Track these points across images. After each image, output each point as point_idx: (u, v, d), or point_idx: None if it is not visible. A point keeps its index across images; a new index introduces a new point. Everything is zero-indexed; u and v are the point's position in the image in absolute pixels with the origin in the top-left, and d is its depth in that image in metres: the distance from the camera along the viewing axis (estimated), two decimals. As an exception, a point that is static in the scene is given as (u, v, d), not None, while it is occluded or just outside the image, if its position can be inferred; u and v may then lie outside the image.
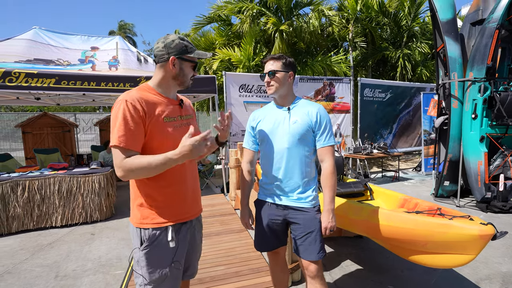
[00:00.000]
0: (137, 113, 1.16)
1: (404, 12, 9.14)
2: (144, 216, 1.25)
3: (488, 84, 4.26)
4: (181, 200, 1.30)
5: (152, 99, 1.25)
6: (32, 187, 3.88)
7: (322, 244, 1.58)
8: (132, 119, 1.15)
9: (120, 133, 1.14)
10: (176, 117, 1.31)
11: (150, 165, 1.12)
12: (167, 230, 1.25)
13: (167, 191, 1.27)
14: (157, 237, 1.24)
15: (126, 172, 1.13)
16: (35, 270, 2.85)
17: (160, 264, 1.25)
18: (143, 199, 1.25)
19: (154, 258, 1.24)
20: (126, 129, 1.14)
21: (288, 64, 1.61)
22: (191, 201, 1.35)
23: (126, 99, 1.17)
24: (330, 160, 1.57)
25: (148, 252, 1.23)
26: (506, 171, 4.34)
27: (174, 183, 1.28)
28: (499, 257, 2.89)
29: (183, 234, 1.31)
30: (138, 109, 1.17)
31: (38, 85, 4.01)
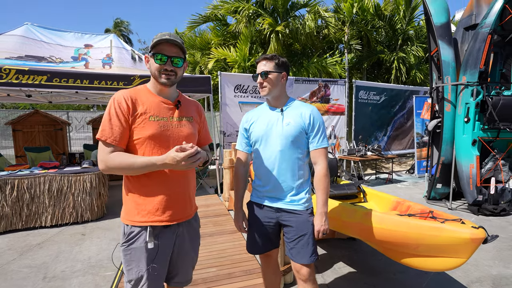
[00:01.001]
0: (122, 110, 1.21)
1: (399, 16, 9.23)
2: (126, 212, 1.27)
3: (481, 88, 4.32)
4: (165, 203, 1.26)
5: (142, 97, 1.27)
6: (21, 186, 3.81)
7: (315, 247, 1.57)
8: (116, 116, 1.20)
9: (103, 128, 1.20)
10: (167, 117, 1.28)
11: (132, 165, 1.17)
12: (146, 230, 1.23)
13: (147, 191, 1.25)
14: (134, 235, 1.24)
15: (107, 167, 1.19)
16: (23, 271, 2.79)
17: (136, 264, 1.24)
18: (127, 196, 1.28)
19: (131, 256, 1.24)
20: (110, 125, 1.19)
21: (281, 64, 1.58)
22: (178, 204, 1.30)
23: (114, 97, 1.23)
24: (323, 163, 1.56)
25: (126, 249, 1.25)
26: (497, 174, 4.40)
27: (155, 184, 1.25)
28: (489, 260, 2.92)
29: (166, 238, 1.27)
30: (123, 106, 1.21)
31: (29, 82, 3.93)
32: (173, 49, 1.25)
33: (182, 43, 1.28)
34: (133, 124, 1.22)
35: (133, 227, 1.24)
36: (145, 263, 1.23)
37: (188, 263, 1.41)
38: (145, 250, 1.23)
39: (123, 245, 1.25)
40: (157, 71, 1.25)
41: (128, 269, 1.25)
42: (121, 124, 1.20)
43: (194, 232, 1.42)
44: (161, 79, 1.25)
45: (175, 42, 1.24)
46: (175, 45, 1.25)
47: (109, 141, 1.18)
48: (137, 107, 1.23)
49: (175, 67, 1.26)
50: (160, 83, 1.27)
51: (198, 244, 1.46)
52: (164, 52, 1.23)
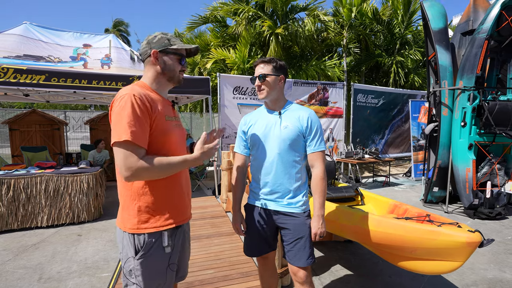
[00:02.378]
0: (146, 108, 1.11)
1: (398, 20, 9.31)
2: (142, 221, 1.17)
3: (477, 93, 4.36)
4: (178, 204, 1.28)
5: (152, 96, 1.21)
6: (17, 186, 3.78)
7: (312, 250, 1.58)
8: (141, 114, 1.09)
9: (132, 128, 1.05)
10: (172, 117, 1.30)
11: (169, 165, 1.12)
12: (163, 236, 1.21)
13: (165, 194, 1.23)
14: (153, 243, 1.19)
15: (139, 173, 1.06)
16: (18, 272, 2.76)
17: (156, 271, 1.20)
18: (142, 204, 1.18)
19: (151, 265, 1.19)
20: (138, 124, 1.07)
21: (278, 67, 1.58)
22: (185, 205, 1.33)
23: (132, 93, 1.10)
24: (320, 166, 1.56)
25: (144, 260, 1.17)
26: (493, 178, 4.43)
27: (171, 187, 1.25)
28: (485, 264, 2.94)
29: (177, 238, 1.29)
30: (146, 104, 1.12)
31: (27, 81, 3.91)
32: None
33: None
34: (153, 124, 1.16)
35: (150, 236, 1.18)
36: (164, 267, 1.22)
37: (187, 258, 1.45)
38: (163, 254, 1.22)
39: (140, 258, 1.16)
40: (178, 71, 1.30)
41: (146, 279, 1.18)
42: (147, 125, 1.12)
43: (189, 228, 1.47)
44: (179, 78, 1.31)
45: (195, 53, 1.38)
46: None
47: (140, 143, 1.07)
48: (155, 106, 1.18)
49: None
50: (176, 82, 1.32)
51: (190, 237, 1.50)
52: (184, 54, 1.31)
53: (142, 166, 1.06)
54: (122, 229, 1.21)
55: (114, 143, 1.06)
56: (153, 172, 1.10)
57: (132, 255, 1.17)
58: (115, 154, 1.08)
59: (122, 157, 1.05)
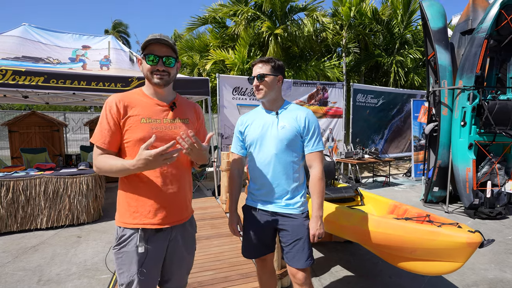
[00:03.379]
0: (112, 114, 1.23)
1: (397, 20, 9.30)
2: (119, 214, 1.28)
3: (477, 93, 4.35)
4: (157, 206, 1.24)
5: (135, 100, 1.28)
6: (16, 188, 3.77)
7: (310, 252, 1.56)
8: (106, 120, 1.23)
9: (95, 132, 1.25)
10: (161, 119, 1.27)
11: (111, 169, 1.19)
12: (137, 234, 1.23)
13: (140, 192, 1.24)
14: (126, 238, 1.24)
15: (96, 168, 1.23)
16: (17, 274, 2.75)
17: (127, 268, 1.23)
18: (121, 198, 1.28)
19: (123, 259, 1.24)
20: (100, 128, 1.23)
21: (277, 67, 1.57)
22: (169, 208, 1.26)
23: (107, 101, 1.26)
24: (318, 166, 1.55)
25: (117, 252, 1.25)
26: (493, 178, 4.42)
27: (148, 186, 1.24)
28: (486, 264, 2.93)
29: (158, 242, 1.25)
30: (113, 110, 1.23)
31: (26, 83, 3.91)
32: (163, 49, 1.23)
33: (173, 43, 1.26)
34: (124, 127, 1.24)
35: (125, 230, 1.24)
36: (136, 267, 1.22)
37: (182, 268, 1.38)
38: (136, 254, 1.22)
39: (115, 248, 1.25)
40: (149, 72, 1.25)
41: (119, 272, 1.25)
42: (110, 127, 1.22)
43: (189, 236, 1.38)
44: (153, 79, 1.25)
45: (165, 42, 1.22)
46: (165, 45, 1.23)
47: (98, 144, 1.22)
48: (128, 110, 1.25)
49: (167, 67, 1.25)
50: (153, 84, 1.27)
51: (193, 250, 1.42)
52: (155, 52, 1.22)
53: (95, 163, 1.23)
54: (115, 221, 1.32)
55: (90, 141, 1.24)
56: (102, 170, 1.21)
57: (113, 245, 1.28)
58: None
59: (93, 154, 1.26)
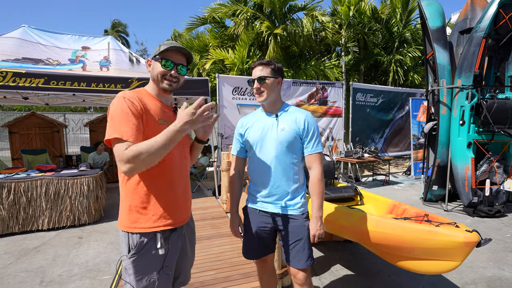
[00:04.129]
0: (136, 108, 1.17)
1: (396, 19, 9.31)
2: (132, 220, 1.22)
3: (475, 92, 4.37)
4: (171, 206, 1.27)
5: (147, 99, 1.26)
6: (18, 189, 3.79)
7: (311, 252, 1.58)
8: (132, 113, 1.15)
9: (122, 126, 1.11)
10: (170, 122, 1.28)
11: (156, 142, 1.07)
12: (156, 237, 1.23)
13: (155, 194, 1.24)
14: (145, 244, 1.21)
15: (131, 162, 1.07)
16: (20, 275, 2.78)
17: (148, 272, 1.22)
18: (132, 203, 1.22)
19: (142, 265, 1.21)
20: (127, 122, 1.12)
21: (276, 70, 1.59)
22: (181, 207, 1.32)
23: (123, 96, 1.18)
24: (318, 167, 1.57)
25: (136, 260, 1.20)
26: (492, 176, 4.45)
27: (162, 188, 1.25)
28: (484, 262, 2.95)
29: (173, 241, 1.29)
30: (136, 105, 1.17)
31: (26, 85, 3.93)
32: (180, 57, 1.30)
33: (190, 54, 1.34)
34: (146, 123, 1.20)
35: (143, 235, 1.21)
36: (156, 269, 1.23)
37: (189, 263, 1.44)
38: (156, 256, 1.23)
39: (133, 256, 1.20)
40: (160, 75, 1.26)
41: (137, 279, 1.21)
42: (138, 122, 1.15)
43: (192, 231, 1.45)
44: (162, 83, 1.27)
45: (184, 51, 1.30)
46: (183, 54, 1.31)
47: (131, 140, 1.10)
48: (147, 109, 1.22)
49: (179, 74, 1.29)
50: (160, 88, 1.29)
51: (195, 243, 1.49)
52: (172, 58, 1.27)
53: (131, 152, 1.07)
54: (119, 228, 1.26)
55: (108, 141, 1.13)
56: (143, 154, 1.07)
57: (125, 254, 1.22)
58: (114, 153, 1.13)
59: (116, 152, 1.10)
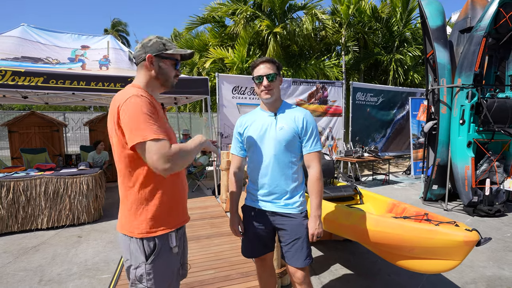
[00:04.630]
0: (153, 106, 1.17)
1: (396, 18, 9.30)
2: (152, 225, 1.18)
3: (476, 91, 4.36)
4: (180, 206, 1.32)
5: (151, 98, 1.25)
6: (17, 188, 3.79)
7: (309, 251, 1.58)
8: (152, 111, 1.13)
9: (152, 125, 1.09)
10: (166, 119, 1.34)
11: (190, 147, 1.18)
12: (170, 237, 1.24)
13: (171, 197, 1.25)
14: (162, 246, 1.20)
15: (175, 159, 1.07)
16: (19, 274, 2.77)
17: (168, 272, 1.24)
18: (150, 207, 1.19)
19: (162, 268, 1.21)
20: (154, 120, 1.11)
21: (279, 67, 1.60)
22: (185, 206, 1.38)
23: (139, 94, 1.14)
24: (316, 166, 1.56)
25: (156, 264, 1.19)
26: (492, 176, 4.44)
27: (176, 188, 1.28)
28: (484, 261, 2.95)
29: (180, 238, 1.33)
30: (152, 103, 1.18)
31: (26, 83, 3.92)
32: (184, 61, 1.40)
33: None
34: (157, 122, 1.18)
35: (160, 238, 1.20)
36: (172, 269, 1.24)
37: (186, 256, 1.47)
38: (171, 256, 1.24)
39: (153, 261, 1.18)
40: (173, 76, 1.32)
41: (155, 281, 1.19)
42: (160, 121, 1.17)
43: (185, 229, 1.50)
44: (173, 83, 1.33)
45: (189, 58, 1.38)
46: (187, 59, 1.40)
47: (162, 137, 1.08)
48: (156, 106, 1.22)
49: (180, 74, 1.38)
50: (169, 87, 1.33)
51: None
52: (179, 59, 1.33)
53: (175, 152, 1.08)
54: (129, 235, 1.18)
55: (139, 144, 1.06)
56: (184, 154, 1.12)
57: (143, 261, 1.17)
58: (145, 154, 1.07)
59: (156, 151, 1.05)
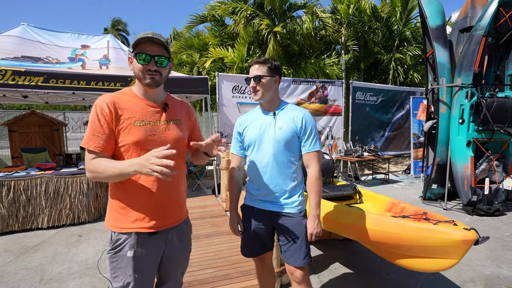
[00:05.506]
0: (104, 116, 1.17)
1: (396, 17, 9.29)
2: (112, 218, 1.24)
3: (475, 90, 4.36)
4: (152, 208, 1.23)
5: (126, 101, 1.23)
6: (17, 188, 3.79)
7: (308, 250, 1.59)
8: (99, 122, 1.17)
9: (86, 135, 1.18)
10: (154, 121, 1.24)
11: (107, 171, 1.12)
12: (130, 238, 1.21)
13: (134, 197, 1.22)
14: (120, 243, 1.21)
15: (90, 174, 1.17)
16: (19, 273, 2.78)
17: (123, 272, 1.21)
18: (112, 201, 1.25)
19: (118, 264, 1.21)
20: (92, 131, 1.17)
21: (273, 68, 1.58)
22: (166, 210, 1.26)
23: (96, 102, 1.19)
24: (315, 166, 1.57)
25: (111, 257, 1.22)
26: (491, 175, 4.45)
27: (142, 190, 1.22)
28: (482, 260, 2.96)
29: (153, 245, 1.25)
30: (106, 112, 1.17)
31: (26, 83, 3.92)
32: (155, 48, 1.18)
33: (166, 42, 1.21)
34: (118, 129, 1.18)
35: (120, 234, 1.21)
36: (132, 271, 1.20)
37: (178, 269, 1.39)
38: (132, 257, 1.20)
39: (110, 252, 1.22)
40: (140, 72, 1.19)
41: (113, 276, 1.22)
42: (103, 130, 1.16)
43: (185, 237, 1.39)
44: (145, 80, 1.20)
45: (157, 41, 1.17)
46: (158, 44, 1.18)
47: (91, 148, 1.14)
48: (120, 112, 1.19)
49: (159, 66, 1.20)
50: (144, 85, 1.22)
51: (189, 251, 1.44)
52: (147, 51, 1.17)
53: (89, 167, 1.16)
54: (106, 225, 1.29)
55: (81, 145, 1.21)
56: (98, 174, 1.15)
57: (107, 249, 1.25)
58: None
59: (85, 159, 1.19)
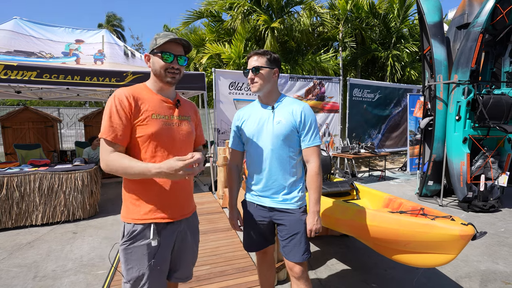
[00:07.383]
0: (123, 107, 1.21)
1: (393, 14, 9.29)
2: (128, 210, 1.27)
3: (472, 87, 4.37)
4: (166, 199, 1.28)
5: (143, 95, 1.28)
6: (10, 184, 3.74)
7: (307, 246, 1.57)
8: (117, 113, 1.20)
9: (104, 126, 1.20)
10: (168, 116, 1.31)
11: (127, 169, 1.16)
12: (149, 228, 1.24)
13: (152, 189, 1.26)
14: (137, 234, 1.24)
15: (108, 167, 1.19)
16: (13, 270, 2.74)
17: (138, 263, 1.24)
18: (128, 194, 1.28)
19: (133, 255, 1.24)
20: (110, 122, 1.19)
21: (273, 60, 1.55)
22: (179, 201, 1.33)
23: (115, 94, 1.23)
24: (315, 161, 1.54)
25: (127, 248, 1.24)
26: (486, 171, 4.48)
27: (158, 182, 1.27)
28: (478, 256, 2.98)
29: (168, 234, 1.30)
30: (125, 105, 1.21)
31: (18, 78, 3.85)
32: (179, 49, 1.31)
33: (188, 44, 1.34)
34: (136, 121, 1.23)
35: (136, 225, 1.24)
36: (146, 261, 1.24)
37: (189, 259, 1.44)
38: (147, 247, 1.24)
39: (124, 243, 1.24)
40: (163, 70, 1.27)
41: (128, 268, 1.24)
42: (122, 121, 1.20)
43: (195, 228, 1.45)
44: (166, 77, 1.28)
45: (182, 42, 1.31)
46: (180, 45, 1.32)
47: (110, 139, 1.18)
48: (139, 105, 1.24)
49: (180, 65, 1.31)
50: (165, 82, 1.30)
51: (198, 240, 1.50)
52: (171, 51, 1.28)
53: (107, 160, 1.19)
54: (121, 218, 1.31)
55: (99, 136, 1.22)
56: (116, 170, 1.18)
57: (120, 241, 1.27)
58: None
59: (101, 150, 1.21)
